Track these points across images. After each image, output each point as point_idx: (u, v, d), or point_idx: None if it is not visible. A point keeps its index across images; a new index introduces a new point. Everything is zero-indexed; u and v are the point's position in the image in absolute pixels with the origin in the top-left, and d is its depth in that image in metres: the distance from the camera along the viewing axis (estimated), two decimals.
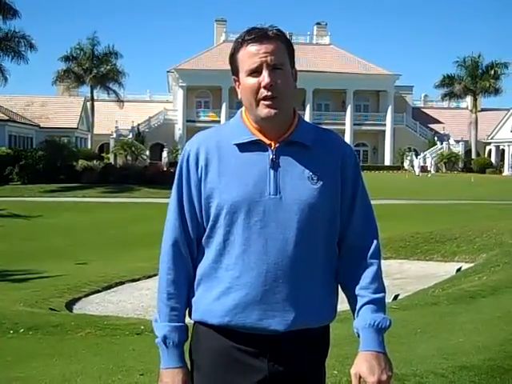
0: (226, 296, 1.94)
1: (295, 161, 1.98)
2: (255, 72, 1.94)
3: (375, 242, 2.05)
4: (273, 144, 1.98)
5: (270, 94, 1.92)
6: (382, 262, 2.10)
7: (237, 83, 2.03)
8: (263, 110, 1.94)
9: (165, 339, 2.02)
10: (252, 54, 1.93)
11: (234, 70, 2.01)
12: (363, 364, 1.90)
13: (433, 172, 52.28)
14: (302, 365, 1.99)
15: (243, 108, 2.06)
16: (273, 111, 1.93)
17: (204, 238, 2.01)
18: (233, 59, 2.01)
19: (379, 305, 1.99)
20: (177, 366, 2.00)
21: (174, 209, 2.03)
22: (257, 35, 1.94)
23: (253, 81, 1.94)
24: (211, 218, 1.97)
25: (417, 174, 49.77)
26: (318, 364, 2.06)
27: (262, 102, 1.93)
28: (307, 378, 2.00)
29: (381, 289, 2.01)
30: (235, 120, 2.07)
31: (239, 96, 2.02)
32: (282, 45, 1.97)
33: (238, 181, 1.94)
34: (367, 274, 2.01)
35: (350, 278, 2.02)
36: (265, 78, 1.92)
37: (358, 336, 1.97)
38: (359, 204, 2.05)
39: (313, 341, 2.01)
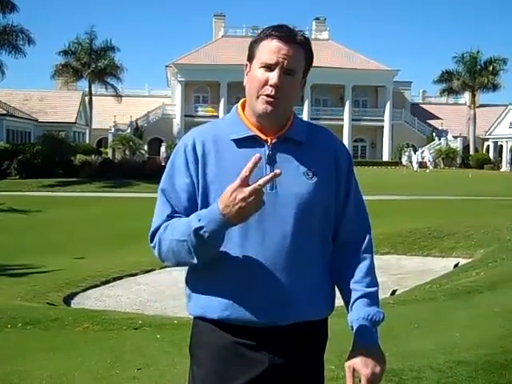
0: (224, 290, 1.95)
1: (291, 157, 2.01)
2: (268, 67, 1.95)
3: (368, 236, 2.09)
4: (269, 140, 2.00)
5: (273, 93, 1.94)
6: (380, 257, 2.13)
7: (247, 69, 2.04)
8: (261, 105, 1.96)
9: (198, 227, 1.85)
10: (273, 50, 1.95)
11: (250, 56, 2.03)
12: (357, 357, 1.93)
13: (431, 168, 52.26)
14: (301, 357, 2.00)
15: (239, 103, 2.08)
16: (269, 108, 1.95)
17: None
18: (253, 45, 2.02)
19: (372, 298, 2.01)
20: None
21: (163, 203, 2.03)
22: (285, 34, 1.96)
23: (262, 75, 1.96)
24: None
25: (415, 169, 49.75)
26: (317, 356, 2.08)
27: (264, 97, 1.95)
28: (306, 371, 2.02)
29: (374, 283, 2.04)
30: (231, 115, 2.09)
31: (244, 82, 2.04)
32: (303, 53, 2.00)
33: (234, 175, 1.93)
34: (360, 269, 2.04)
35: (343, 273, 2.05)
36: (274, 77, 1.94)
37: (352, 329, 1.99)
38: (352, 199, 2.09)
39: (311, 333, 2.03)
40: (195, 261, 1.90)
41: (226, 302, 1.95)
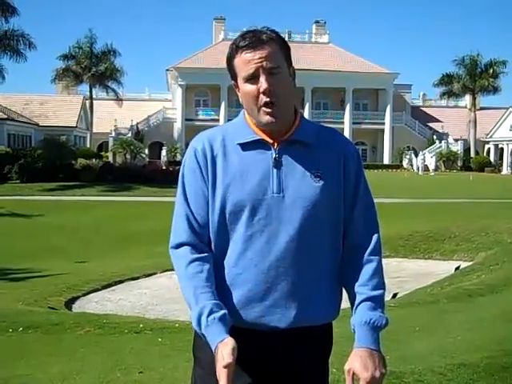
0: (227, 293, 1.96)
1: (298, 159, 2.00)
2: (252, 78, 1.94)
3: (376, 238, 2.06)
4: (276, 143, 2.00)
5: (269, 99, 1.94)
6: None
7: (236, 88, 2.04)
8: (264, 117, 1.96)
9: (201, 316, 1.90)
10: (247, 61, 1.94)
11: (232, 76, 2.02)
12: (357, 360, 1.90)
13: (432, 171, 51.97)
14: (303, 362, 2.00)
15: None
16: (272, 119, 1.95)
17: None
18: (230, 65, 2.02)
19: (377, 302, 1.98)
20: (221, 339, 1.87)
21: (184, 210, 2.02)
22: (251, 41, 1.94)
23: (251, 87, 1.95)
24: (216, 217, 1.99)
25: (420, 173, 49.36)
26: (320, 361, 2.07)
27: (263, 108, 1.95)
28: (309, 376, 2.01)
29: (380, 286, 2.01)
30: (238, 119, 2.09)
31: (240, 100, 2.03)
32: (276, 47, 1.97)
33: (242, 180, 1.95)
34: (366, 271, 2.01)
35: (350, 275, 2.03)
36: (262, 83, 1.93)
37: (355, 333, 1.98)
38: (361, 201, 2.07)
39: (315, 338, 2.02)
40: None
41: (228, 305, 1.95)
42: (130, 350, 6.19)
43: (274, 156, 1.99)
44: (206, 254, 1.99)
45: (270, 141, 2.00)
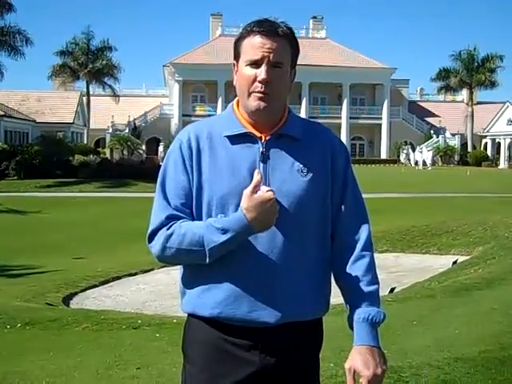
0: (216, 288, 1.94)
1: (285, 153, 1.98)
2: (255, 64, 1.94)
3: (366, 233, 2.05)
4: (263, 137, 1.98)
5: (263, 89, 1.93)
6: (378, 255, 2.11)
7: (235, 68, 2.03)
8: (253, 103, 1.95)
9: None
10: (256, 46, 1.94)
11: (236, 55, 2.02)
12: (357, 358, 1.89)
13: (429, 166, 51.94)
14: (293, 358, 1.98)
15: (235, 100, 2.06)
16: (262, 104, 1.94)
17: None
18: (237, 44, 2.01)
19: (373, 298, 1.97)
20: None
21: (161, 202, 2.00)
22: (266, 29, 1.95)
23: (250, 72, 1.94)
24: (201, 210, 1.97)
25: (420, 168, 49.31)
26: (311, 357, 2.05)
27: (255, 93, 1.94)
28: (299, 371, 2.00)
29: (374, 281, 2.00)
30: (227, 112, 2.07)
31: (234, 82, 2.02)
32: (287, 44, 1.97)
33: (228, 173, 1.93)
34: (359, 267, 2.00)
35: (343, 271, 2.01)
36: (262, 72, 1.93)
37: (352, 330, 1.96)
38: (349, 195, 2.05)
39: (305, 333, 2.01)
40: (206, 262, 1.90)
41: (217, 300, 1.94)
42: (128, 345, 6.20)
43: (261, 150, 1.97)
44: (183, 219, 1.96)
45: (258, 134, 1.99)
